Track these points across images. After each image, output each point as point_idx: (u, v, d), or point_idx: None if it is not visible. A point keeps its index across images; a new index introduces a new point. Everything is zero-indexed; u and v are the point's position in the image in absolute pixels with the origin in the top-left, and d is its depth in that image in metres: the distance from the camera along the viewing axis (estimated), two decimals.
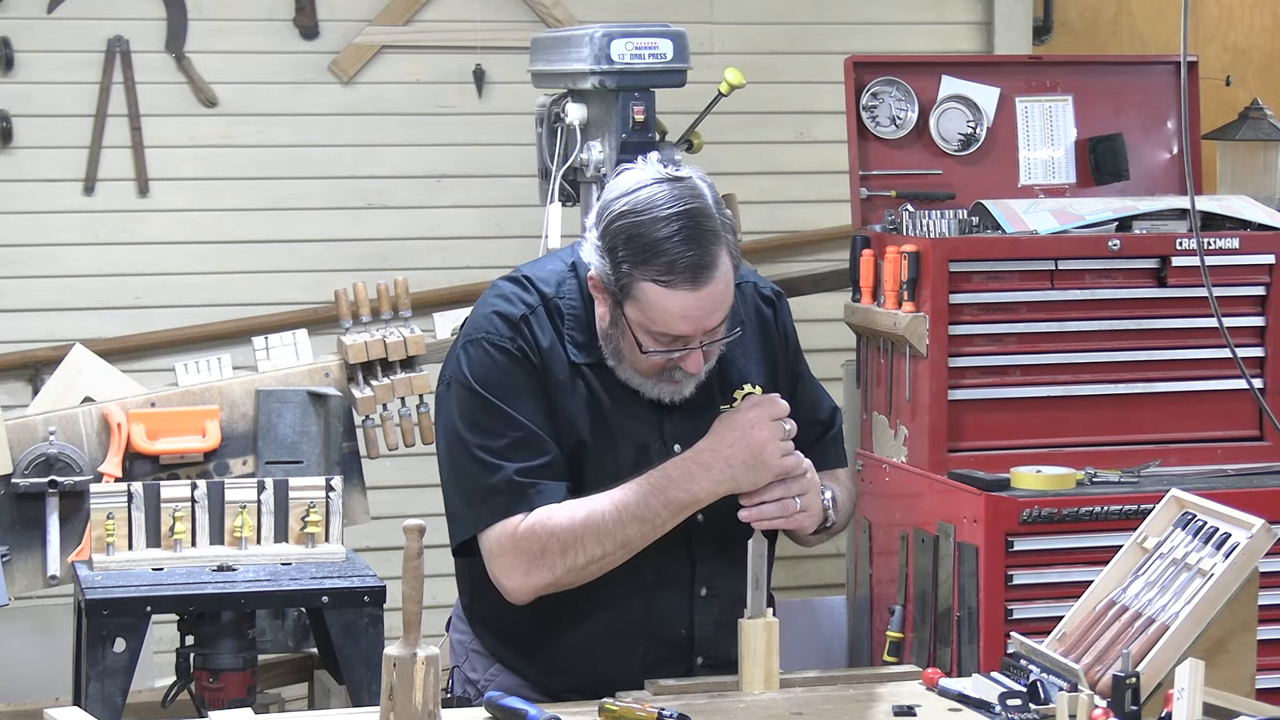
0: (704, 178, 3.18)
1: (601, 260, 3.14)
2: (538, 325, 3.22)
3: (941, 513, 4.51)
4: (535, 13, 5.78)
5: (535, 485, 3.15)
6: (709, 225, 3.09)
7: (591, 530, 3.13)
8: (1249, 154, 5.11)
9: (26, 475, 4.43)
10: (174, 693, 4.24)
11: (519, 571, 3.15)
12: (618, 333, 3.17)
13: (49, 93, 5.54)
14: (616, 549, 3.14)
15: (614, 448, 3.22)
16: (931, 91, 5.00)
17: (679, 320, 3.11)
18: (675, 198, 3.10)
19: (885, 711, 2.99)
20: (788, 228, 5.99)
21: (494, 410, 3.18)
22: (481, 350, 3.21)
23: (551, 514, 3.14)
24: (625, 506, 3.13)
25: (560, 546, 3.13)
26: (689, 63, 4.72)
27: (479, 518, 3.18)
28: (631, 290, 3.10)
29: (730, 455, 3.13)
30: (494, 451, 3.17)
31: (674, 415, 3.25)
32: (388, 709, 2.73)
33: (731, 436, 3.14)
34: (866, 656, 4.90)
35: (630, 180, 3.15)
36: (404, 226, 5.78)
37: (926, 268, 4.58)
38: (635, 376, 3.21)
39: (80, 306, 5.58)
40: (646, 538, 3.15)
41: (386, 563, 4.89)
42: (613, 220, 3.12)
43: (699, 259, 3.07)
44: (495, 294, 3.29)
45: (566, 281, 3.27)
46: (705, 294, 3.09)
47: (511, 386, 3.19)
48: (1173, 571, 2.99)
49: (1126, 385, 4.71)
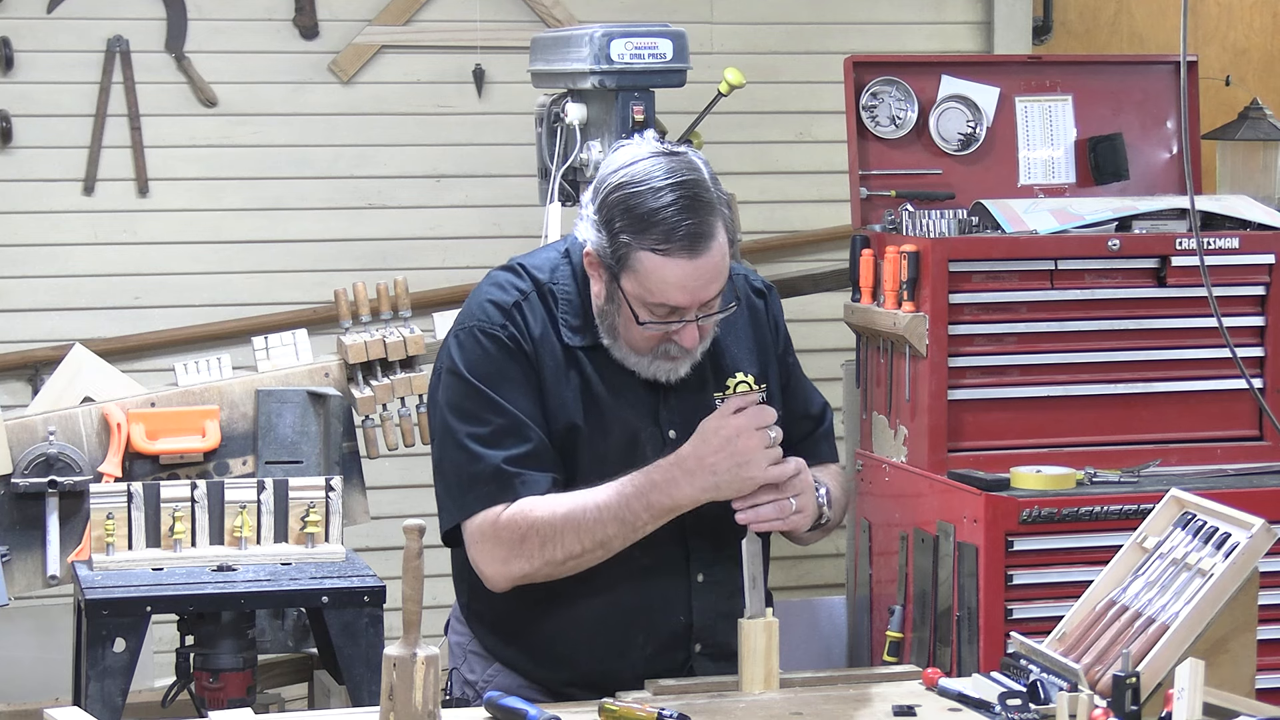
0: (699, 154, 3.21)
1: (599, 234, 3.16)
2: (530, 311, 3.24)
3: (941, 513, 4.51)
4: (535, 13, 5.78)
5: (520, 475, 3.17)
6: (706, 196, 3.13)
7: (572, 526, 3.14)
8: (1249, 154, 5.11)
9: (26, 475, 4.43)
10: (174, 693, 4.24)
11: (498, 559, 3.17)
12: (614, 308, 3.18)
13: (49, 93, 5.54)
14: (595, 547, 3.16)
15: (606, 432, 3.24)
16: (931, 91, 5.00)
17: (676, 290, 3.12)
18: (672, 170, 3.13)
19: (885, 711, 2.99)
20: (788, 228, 5.99)
21: (482, 397, 3.19)
22: (472, 338, 3.23)
23: (534, 505, 3.16)
24: (607, 506, 3.14)
25: (540, 539, 3.15)
26: (689, 63, 4.72)
27: (464, 505, 3.20)
28: (629, 261, 3.12)
29: (714, 463, 3.13)
30: (480, 439, 3.18)
31: (669, 399, 3.26)
32: (388, 709, 2.73)
33: (716, 442, 3.14)
34: (866, 656, 4.90)
35: (627, 155, 3.18)
36: (404, 226, 5.78)
37: (926, 268, 4.58)
38: (631, 355, 3.22)
39: (80, 306, 5.58)
40: (626, 539, 3.16)
41: (386, 563, 4.90)
42: (610, 192, 3.14)
43: (696, 228, 3.10)
44: (489, 282, 3.31)
45: (560, 267, 3.29)
46: (702, 263, 3.11)
47: (501, 374, 3.20)
48: (1173, 571, 2.99)
49: (1126, 385, 4.71)
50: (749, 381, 3.27)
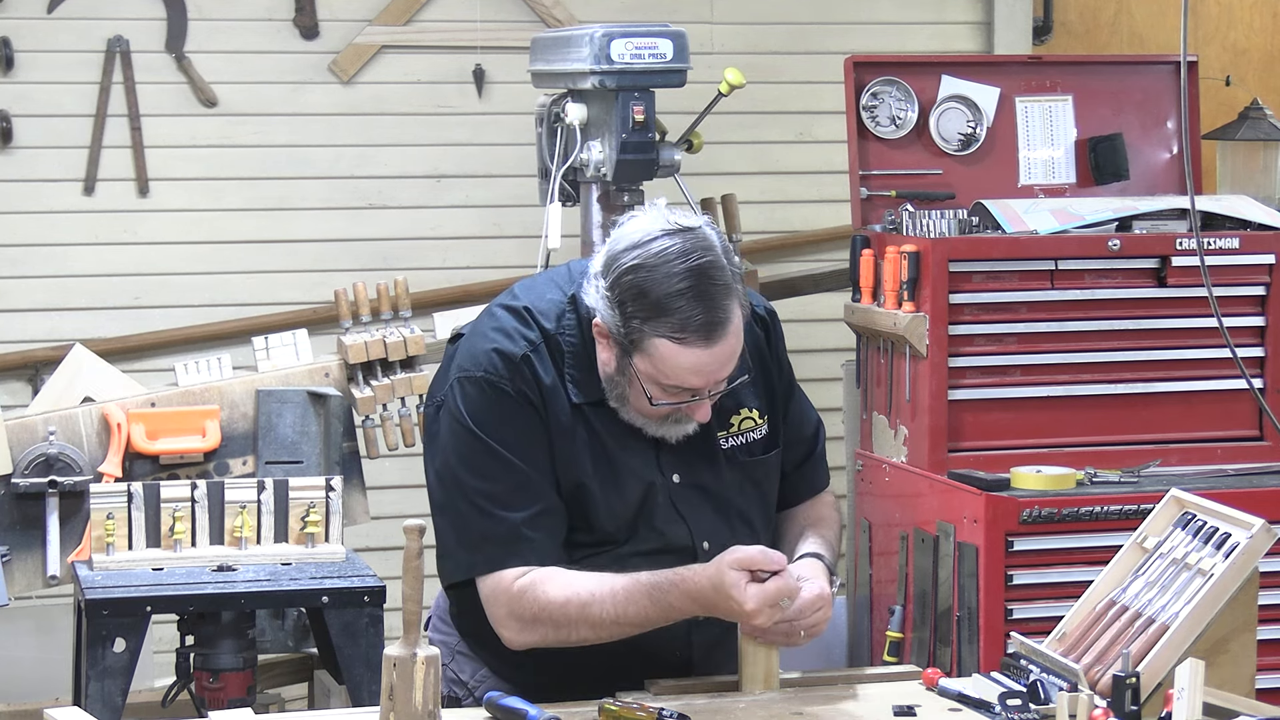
0: (712, 225, 3.13)
1: (611, 311, 3.09)
2: (539, 364, 3.17)
3: (941, 513, 4.51)
4: (535, 13, 5.78)
5: (531, 540, 3.13)
6: (721, 279, 3.06)
7: (585, 619, 3.11)
8: (1249, 154, 5.11)
9: (26, 475, 4.43)
10: (174, 693, 4.24)
11: (513, 629, 3.16)
12: (624, 380, 3.13)
13: (49, 93, 5.54)
14: (610, 634, 3.13)
15: (620, 487, 3.20)
16: (931, 91, 5.00)
17: (691, 375, 3.08)
18: (685, 252, 3.05)
19: (885, 711, 2.99)
20: (788, 228, 5.99)
21: (491, 453, 3.14)
22: (479, 389, 3.16)
23: (549, 584, 3.12)
24: (623, 614, 3.11)
25: (553, 622, 3.13)
26: (689, 63, 4.72)
27: (474, 564, 3.17)
28: (642, 345, 3.07)
29: (720, 609, 3.08)
30: (491, 497, 3.14)
31: (670, 445, 3.23)
32: (388, 709, 2.73)
33: (733, 601, 3.04)
34: (866, 656, 4.90)
35: (638, 231, 3.10)
36: (404, 226, 5.78)
37: (926, 268, 4.57)
38: (638, 418, 3.18)
39: (80, 306, 5.58)
40: (641, 630, 3.13)
41: (386, 563, 4.90)
42: (622, 274, 3.07)
43: (712, 315, 3.04)
44: (494, 325, 3.22)
45: (566, 315, 3.21)
46: (718, 350, 3.07)
47: (510, 430, 3.15)
48: (1173, 571, 2.99)
49: (1126, 385, 4.71)
50: (753, 417, 3.26)
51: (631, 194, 4.81)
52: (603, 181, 4.78)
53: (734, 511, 3.28)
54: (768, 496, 3.35)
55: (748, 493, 3.30)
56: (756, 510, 3.32)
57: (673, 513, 3.23)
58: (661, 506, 3.20)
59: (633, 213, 3.17)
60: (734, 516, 3.27)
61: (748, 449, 3.29)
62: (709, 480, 3.26)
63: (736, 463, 3.28)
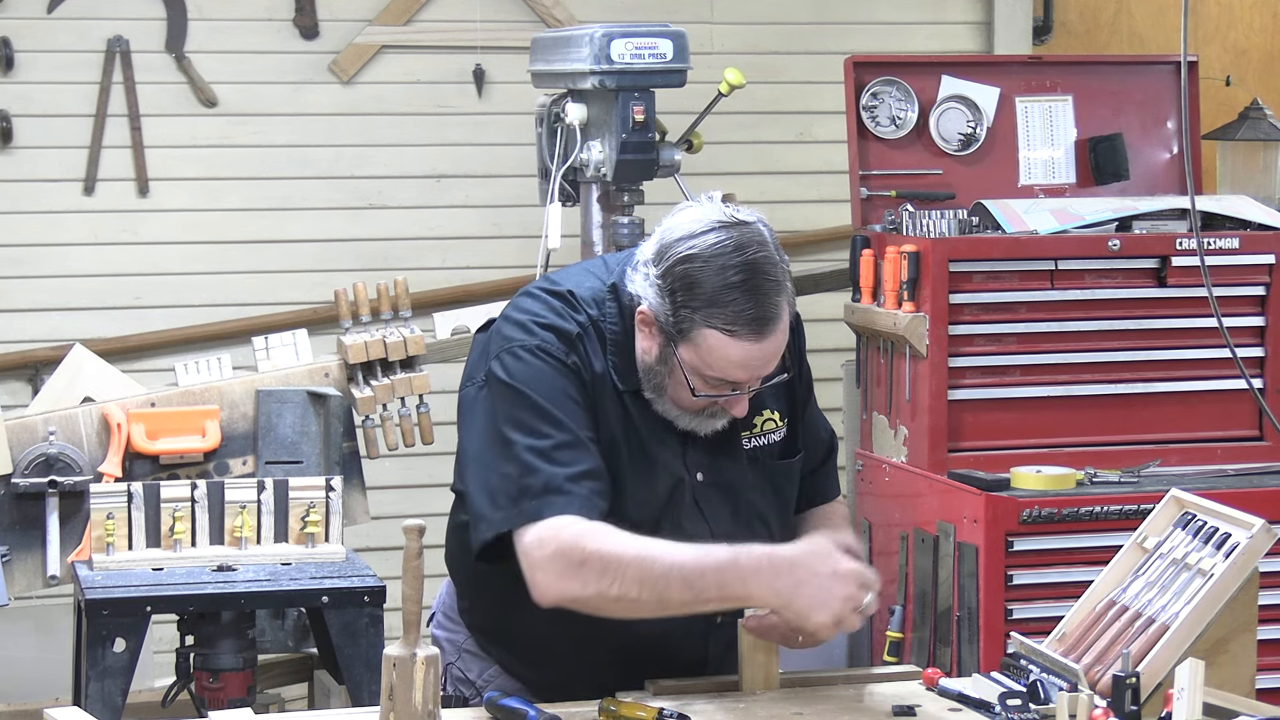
0: (765, 222, 3.14)
1: (660, 299, 3.07)
2: (590, 346, 3.15)
3: (941, 513, 4.51)
4: (535, 13, 5.78)
5: (583, 496, 3.06)
6: (773, 275, 3.07)
7: (636, 570, 3.01)
8: (1249, 154, 5.11)
9: (26, 475, 4.43)
10: (174, 693, 4.24)
11: (553, 573, 3.03)
12: (665, 370, 3.11)
13: (49, 93, 5.54)
14: (653, 600, 3.02)
15: (651, 479, 3.18)
16: (931, 91, 5.00)
17: (737, 369, 3.07)
18: (740, 245, 3.06)
19: (885, 711, 2.99)
20: (788, 228, 5.98)
21: (542, 411, 3.09)
22: (532, 355, 3.12)
23: (606, 534, 3.04)
24: (680, 567, 3.01)
25: (600, 568, 3.01)
26: (689, 63, 4.72)
27: (521, 512, 3.06)
28: (691, 334, 3.06)
29: (802, 581, 3.01)
30: (540, 452, 3.08)
31: (695, 441, 3.21)
32: (388, 709, 2.73)
33: (818, 567, 3.01)
34: (866, 656, 4.90)
35: (693, 222, 3.09)
36: (404, 226, 5.78)
37: (926, 268, 4.58)
38: (673, 409, 3.17)
39: (80, 306, 5.58)
40: (686, 607, 3.03)
41: (386, 563, 4.90)
42: (676, 263, 3.06)
43: (764, 312, 3.04)
44: (540, 304, 3.19)
45: (607, 303, 3.19)
46: (767, 345, 3.06)
47: (562, 392, 3.11)
48: (1173, 571, 2.99)
49: (1126, 385, 4.71)
50: (774, 419, 3.26)
51: (631, 194, 4.81)
52: (603, 181, 4.79)
53: (753, 513, 3.27)
54: (787, 503, 3.34)
55: (767, 496, 3.29)
56: (774, 514, 3.31)
57: (696, 511, 3.22)
58: (686, 503, 3.20)
59: (685, 204, 3.17)
60: (753, 518, 3.27)
61: (768, 451, 3.29)
62: (731, 480, 3.25)
63: (758, 464, 3.28)
